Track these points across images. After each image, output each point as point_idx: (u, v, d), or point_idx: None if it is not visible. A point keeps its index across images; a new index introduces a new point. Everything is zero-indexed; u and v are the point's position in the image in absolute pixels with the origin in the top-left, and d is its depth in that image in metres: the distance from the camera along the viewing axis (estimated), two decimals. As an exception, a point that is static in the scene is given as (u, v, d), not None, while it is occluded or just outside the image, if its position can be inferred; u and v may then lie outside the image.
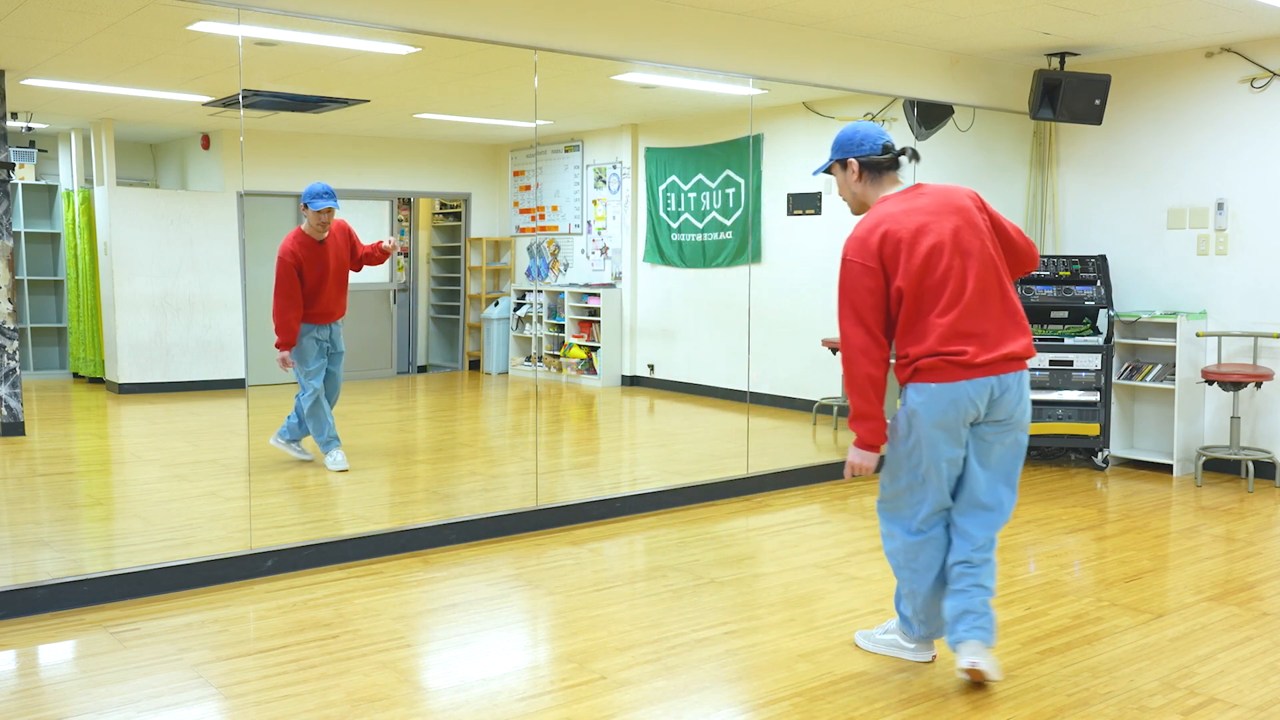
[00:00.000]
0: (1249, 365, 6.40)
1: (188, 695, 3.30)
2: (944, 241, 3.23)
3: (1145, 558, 4.89)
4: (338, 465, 6.39)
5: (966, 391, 3.22)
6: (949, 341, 3.20)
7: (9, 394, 7.45)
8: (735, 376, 9.18)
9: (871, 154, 3.42)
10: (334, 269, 6.39)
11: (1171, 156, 6.92)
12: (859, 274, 3.26)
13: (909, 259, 3.22)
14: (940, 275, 3.22)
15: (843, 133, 3.51)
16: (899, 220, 3.26)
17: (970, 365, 3.20)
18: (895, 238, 3.23)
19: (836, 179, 3.56)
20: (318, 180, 6.44)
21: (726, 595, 4.30)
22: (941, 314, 3.21)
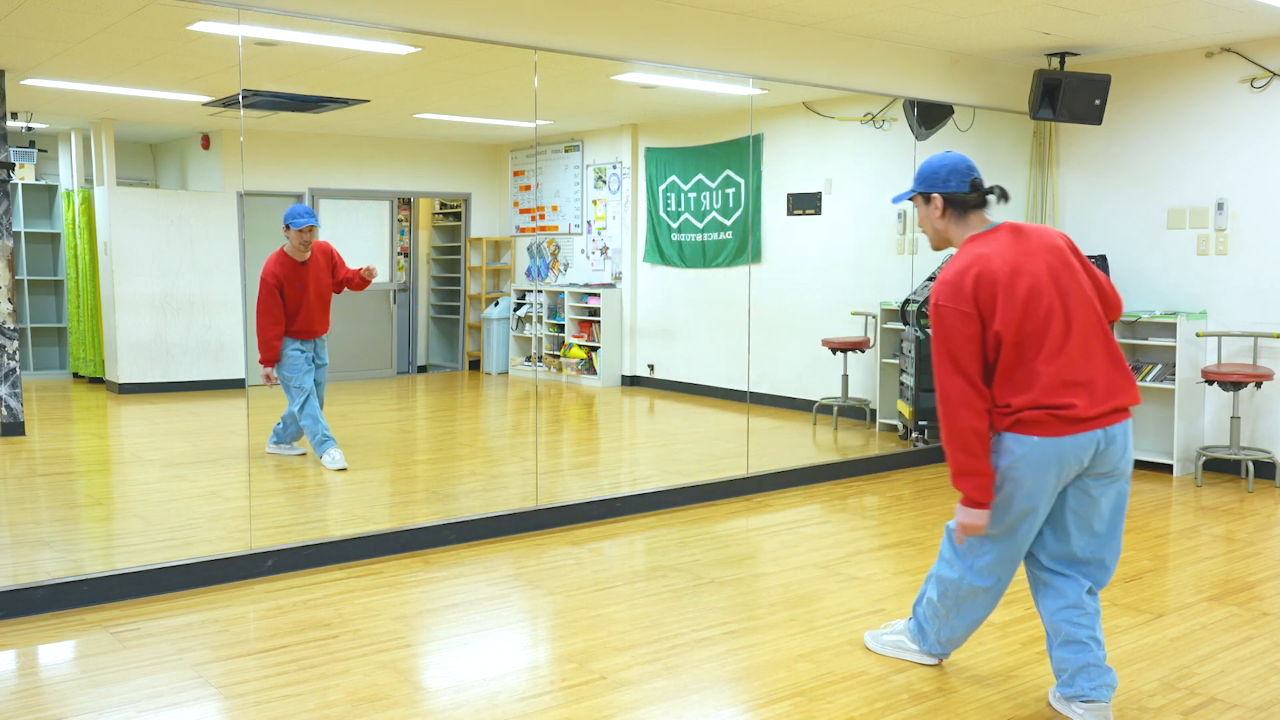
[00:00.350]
0: (1249, 365, 6.40)
1: (188, 695, 3.30)
2: (1042, 282, 3.01)
3: (1145, 558, 4.89)
4: (336, 464, 6.42)
5: (1072, 447, 2.98)
6: (1056, 392, 2.97)
7: (9, 394, 7.45)
8: (735, 376, 9.18)
9: (958, 191, 3.17)
10: (315, 289, 6.57)
11: (1171, 156, 6.92)
12: (955, 320, 3.00)
13: (1008, 302, 2.98)
14: (1043, 318, 2.98)
15: (928, 164, 3.25)
16: (991, 261, 3.02)
17: (1078, 420, 2.97)
18: (990, 279, 2.99)
19: (918, 211, 3.31)
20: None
21: (726, 595, 4.30)
22: (1047, 360, 2.97)
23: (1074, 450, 2.98)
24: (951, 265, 3.08)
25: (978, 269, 3.01)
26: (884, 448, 7.42)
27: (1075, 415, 2.96)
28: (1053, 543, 3.15)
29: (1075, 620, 3.11)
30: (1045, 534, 3.16)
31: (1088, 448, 2.99)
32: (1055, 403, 2.96)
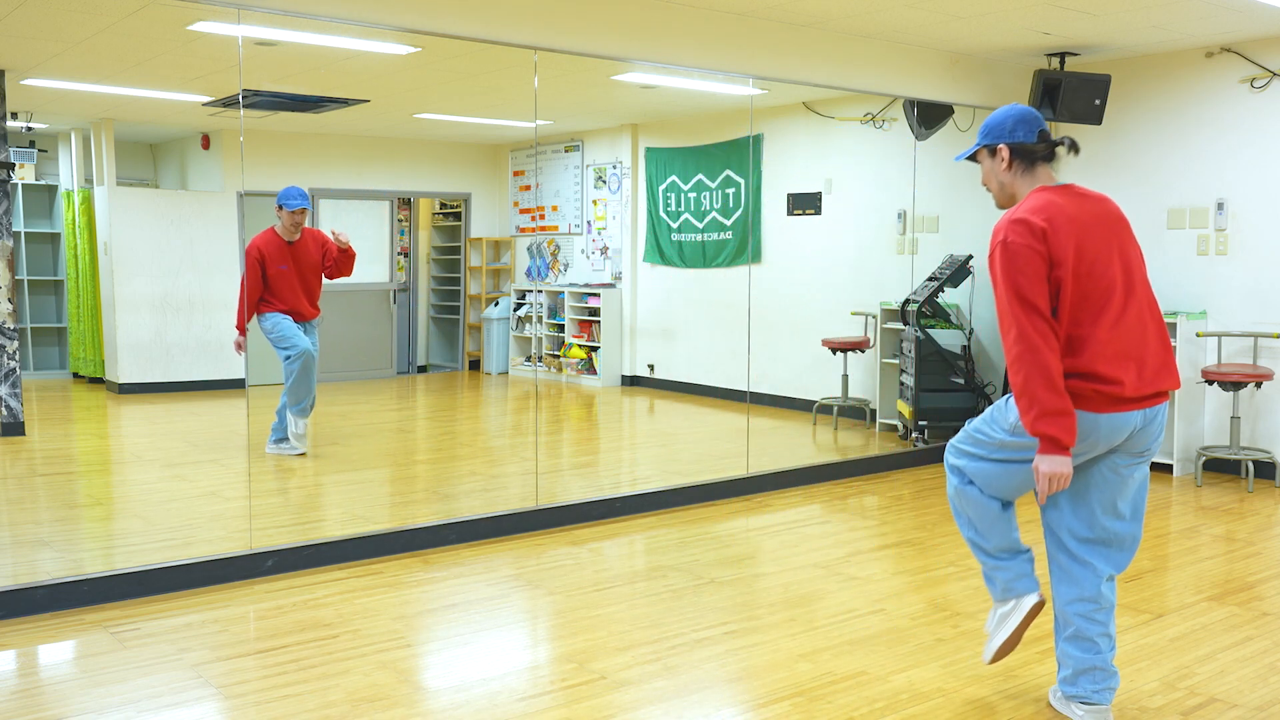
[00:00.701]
0: (1249, 365, 6.40)
1: (188, 695, 3.30)
2: (1110, 246, 2.93)
3: (1145, 558, 4.89)
4: (297, 430, 6.66)
5: (1109, 425, 2.91)
6: (1108, 362, 2.87)
7: (9, 394, 7.45)
8: (735, 376, 9.18)
9: (1025, 141, 3.02)
10: (300, 270, 6.67)
11: (1171, 156, 6.92)
12: (1027, 257, 2.83)
13: (1077, 256, 2.86)
14: (1106, 282, 2.89)
15: (993, 116, 3.10)
16: (1065, 209, 2.90)
17: (1121, 399, 2.89)
18: (1063, 226, 2.87)
19: (982, 167, 3.14)
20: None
21: (726, 595, 4.30)
22: (1107, 327, 2.88)
23: (1110, 428, 2.91)
24: (1022, 206, 2.95)
25: (1050, 212, 2.89)
26: (884, 448, 7.42)
27: (1120, 394, 2.88)
28: (1076, 522, 3.07)
29: (1090, 615, 3.05)
30: (1067, 511, 3.08)
31: (1124, 428, 2.92)
32: (1106, 374, 2.87)
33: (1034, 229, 2.85)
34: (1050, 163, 3.06)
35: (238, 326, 6.59)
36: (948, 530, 5.35)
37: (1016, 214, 2.92)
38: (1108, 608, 3.07)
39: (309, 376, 6.66)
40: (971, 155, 3.17)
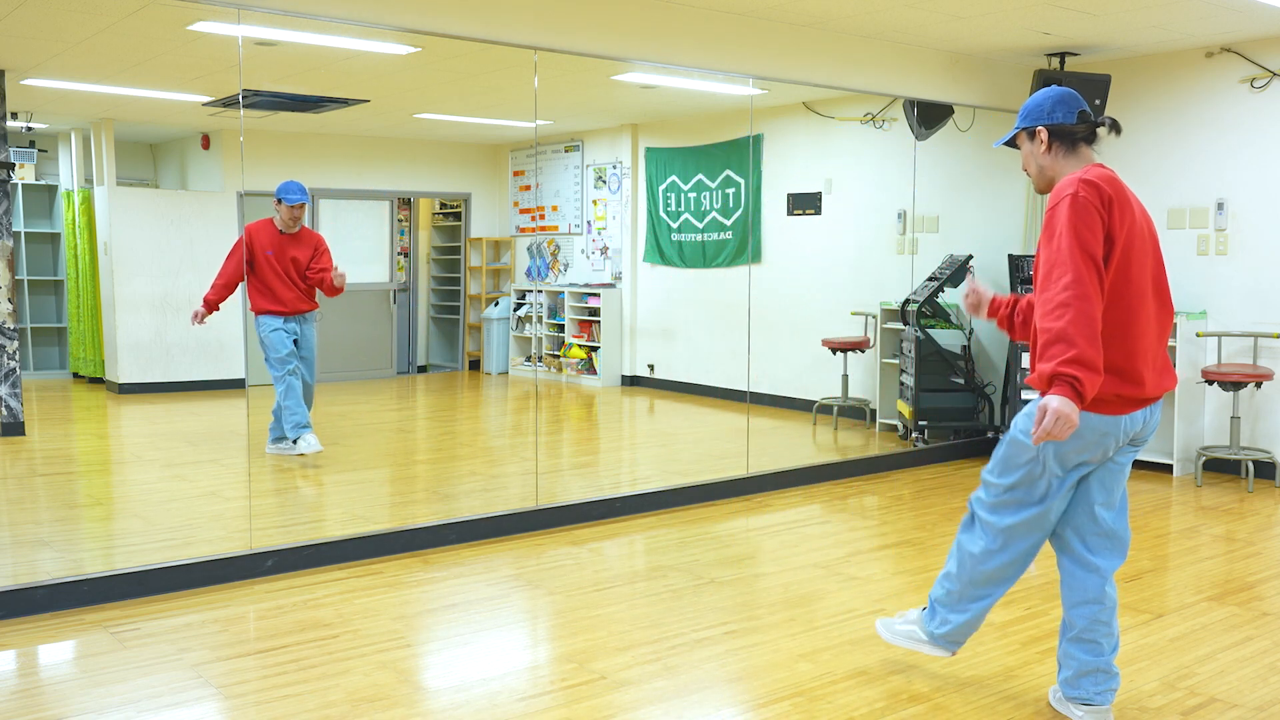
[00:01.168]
0: (1249, 365, 6.40)
1: (188, 695, 3.30)
2: (1148, 241, 2.89)
3: (1145, 558, 4.89)
4: (311, 448, 6.57)
5: (1125, 425, 2.90)
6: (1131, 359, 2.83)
7: (9, 394, 7.45)
8: (735, 376, 9.18)
9: (1065, 122, 2.95)
10: (284, 260, 6.68)
11: (1171, 156, 6.92)
12: (1092, 214, 2.75)
13: (1129, 239, 2.81)
14: (1142, 275, 2.86)
15: (1032, 99, 3.03)
16: (1124, 192, 2.84)
17: (1136, 400, 2.88)
18: (1123, 204, 2.81)
19: (1022, 151, 3.08)
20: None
21: (726, 595, 4.30)
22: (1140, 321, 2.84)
23: (1126, 429, 2.90)
24: (1087, 171, 2.85)
25: (1117, 187, 2.82)
26: (884, 448, 7.42)
27: (1138, 395, 2.86)
28: (1080, 516, 3.07)
29: (1095, 617, 3.05)
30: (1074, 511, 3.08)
31: (1133, 428, 2.92)
32: (1132, 372, 2.83)
33: (1103, 195, 2.78)
34: (1091, 144, 2.99)
35: (204, 300, 6.62)
36: (948, 530, 5.35)
37: (1086, 174, 2.82)
38: (1111, 606, 3.08)
39: (295, 396, 6.64)
40: (1011, 140, 3.12)
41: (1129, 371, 2.83)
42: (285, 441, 6.78)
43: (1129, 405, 2.87)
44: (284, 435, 6.78)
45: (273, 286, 6.68)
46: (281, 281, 6.69)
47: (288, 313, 6.71)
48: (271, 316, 6.69)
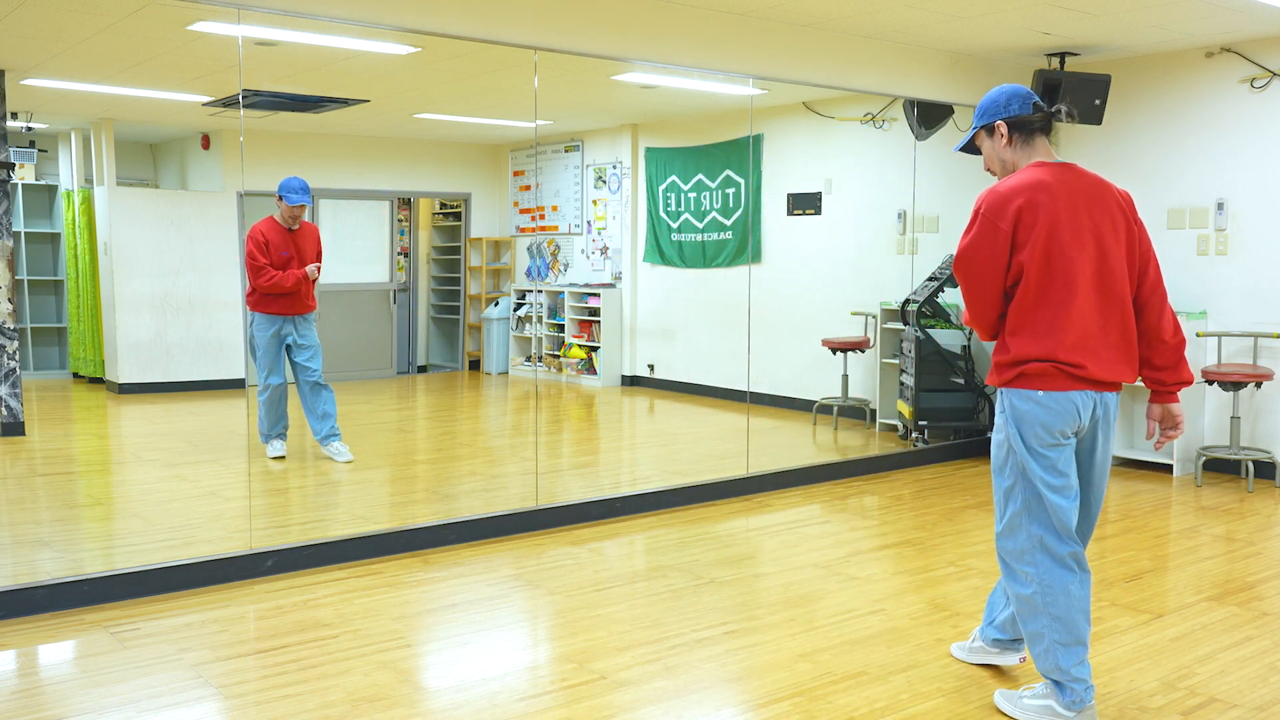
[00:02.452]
0: (1249, 365, 6.41)
1: (188, 695, 3.30)
2: (1086, 233, 2.93)
3: (1145, 558, 4.89)
4: (275, 453, 6.62)
5: (1075, 401, 2.95)
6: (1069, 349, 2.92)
7: (9, 394, 7.45)
8: (735, 376, 9.18)
9: (1021, 113, 3.04)
10: (302, 259, 6.56)
11: (1171, 156, 6.92)
12: (988, 232, 2.93)
13: (1047, 237, 2.90)
14: (1074, 269, 2.92)
15: (986, 98, 3.12)
16: (1050, 190, 2.93)
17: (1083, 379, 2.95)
18: (1036, 208, 2.91)
19: (983, 151, 3.16)
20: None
21: (726, 595, 4.30)
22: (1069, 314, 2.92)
23: (1078, 404, 2.95)
24: (1008, 180, 2.99)
25: (1029, 195, 2.92)
26: (884, 448, 7.42)
27: (1082, 375, 2.93)
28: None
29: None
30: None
31: (1087, 405, 2.97)
32: (1066, 359, 2.92)
33: (1006, 209, 2.92)
34: (1047, 134, 3.08)
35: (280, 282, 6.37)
36: (948, 530, 5.36)
37: (1001, 186, 2.97)
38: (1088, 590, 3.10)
39: (278, 407, 6.61)
40: (968, 143, 3.19)
41: (1064, 358, 2.92)
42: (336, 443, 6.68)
43: (1073, 382, 2.94)
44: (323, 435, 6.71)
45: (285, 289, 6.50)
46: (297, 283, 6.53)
47: (286, 314, 6.56)
48: (268, 318, 6.52)
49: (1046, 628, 3.00)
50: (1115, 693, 3.33)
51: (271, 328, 6.54)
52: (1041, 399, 2.95)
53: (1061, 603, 2.99)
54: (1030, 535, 3.04)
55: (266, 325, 6.54)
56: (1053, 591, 3.00)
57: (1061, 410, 2.95)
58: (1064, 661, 2.99)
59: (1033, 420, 2.97)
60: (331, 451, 6.64)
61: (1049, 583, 3.01)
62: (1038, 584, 3.02)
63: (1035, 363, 2.94)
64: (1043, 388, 2.94)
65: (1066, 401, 2.95)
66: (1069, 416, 2.96)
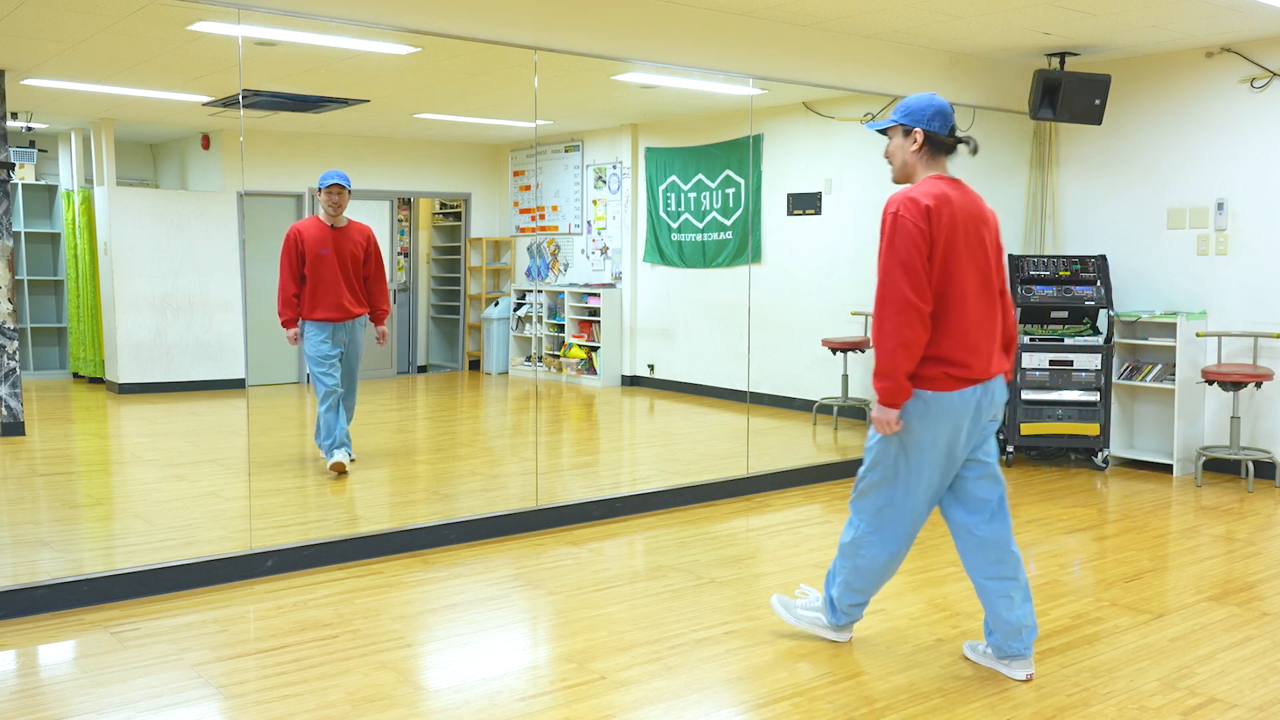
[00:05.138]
0: (1249, 365, 6.40)
1: (188, 695, 3.30)
2: (976, 244, 3.29)
3: (1145, 558, 4.89)
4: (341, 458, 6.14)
5: (960, 401, 3.29)
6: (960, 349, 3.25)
7: (9, 394, 7.45)
8: (735, 376, 9.18)
9: (939, 132, 3.33)
10: (343, 259, 6.18)
11: (1171, 156, 6.92)
12: (913, 233, 3.18)
13: (949, 243, 3.21)
14: (966, 276, 3.25)
15: (916, 99, 3.38)
16: (952, 201, 3.25)
17: (966, 379, 3.28)
18: (948, 214, 3.21)
19: (891, 141, 3.44)
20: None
21: (726, 595, 4.30)
22: (958, 311, 3.24)
23: (962, 402, 3.27)
24: (917, 187, 3.28)
25: (940, 200, 3.22)
26: (884, 448, 7.40)
27: (964, 375, 3.25)
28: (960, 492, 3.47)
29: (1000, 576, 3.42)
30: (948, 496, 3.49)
31: (970, 400, 3.28)
32: (956, 359, 3.24)
33: (922, 209, 3.20)
34: (950, 156, 3.41)
35: (282, 321, 6.05)
36: (948, 530, 5.35)
37: (912, 192, 3.26)
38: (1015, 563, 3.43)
39: (334, 414, 6.16)
40: (886, 129, 3.47)
41: (952, 356, 3.24)
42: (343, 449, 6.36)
43: (959, 383, 3.26)
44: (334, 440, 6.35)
45: (328, 289, 6.12)
46: (336, 284, 6.13)
47: (339, 319, 6.17)
48: (319, 325, 6.13)
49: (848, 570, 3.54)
50: (1115, 692, 3.33)
51: (323, 334, 6.16)
52: (930, 399, 3.26)
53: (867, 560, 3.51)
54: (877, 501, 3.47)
55: (317, 332, 6.15)
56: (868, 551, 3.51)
57: (946, 409, 3.26)
58: (845, 599, 3.58)
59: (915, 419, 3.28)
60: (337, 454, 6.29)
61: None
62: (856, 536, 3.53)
63: (928, 364, 3.25)
64: (931, 389, 3.26)
65: (952, 402, 3.26)
66: (953, 414, 3.28)
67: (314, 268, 6.12)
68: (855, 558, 3.53)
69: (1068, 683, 3.41)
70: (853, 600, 3.62)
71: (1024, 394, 6.86)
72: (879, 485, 3.45)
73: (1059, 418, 6.79)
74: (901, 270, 3.17)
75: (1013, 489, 6.36)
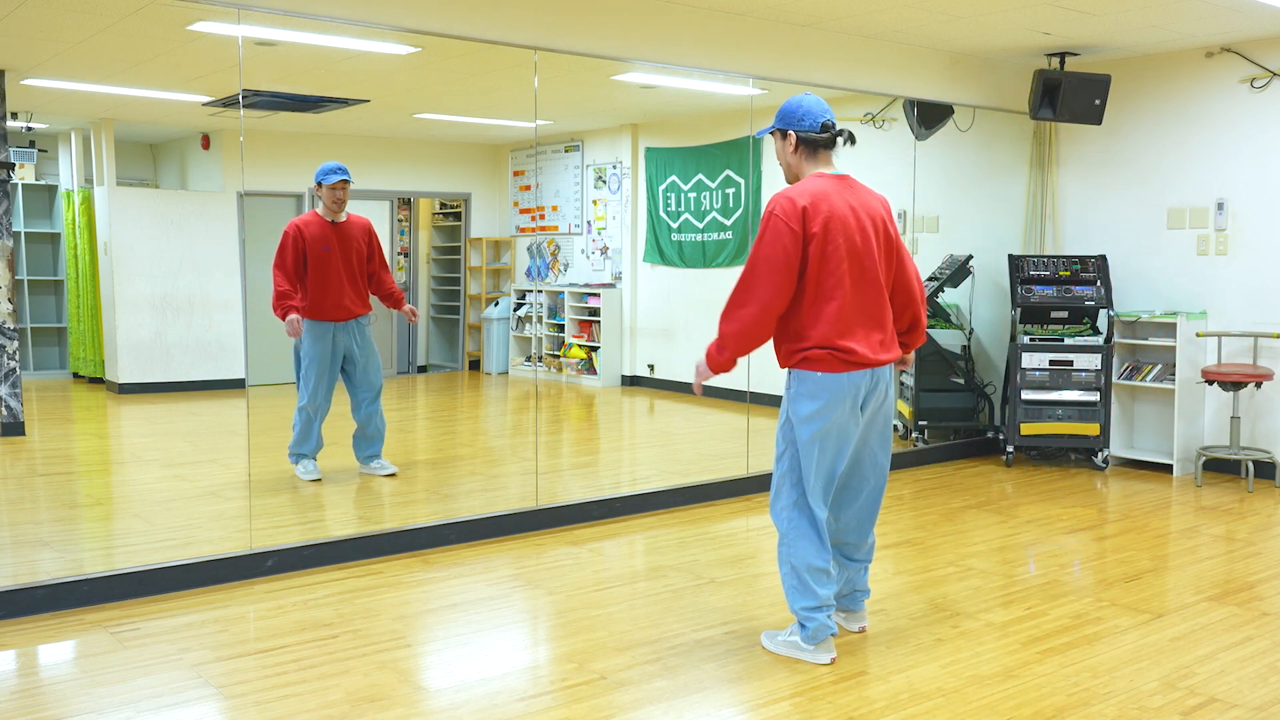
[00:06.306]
0: (1249, 365, 6.40)
1: (188, 695, 3.30)
2: (854, 236, 3.43)
3: (1145, 558, 4.89)
4: (309, 475, 6.04)
5: (849, 382, 3.44)
6: (840, 335, 3.41)
7: (9, 394, 7.45)
8: (735, 376, 9.17)
9: (810, 131, 3.51)
10: (345, 256, 5.99)
11: (1171, 156, 6.92)
12: (782, 232, 3.39)
13: (826, 236, 3.38)
14: (844, 266, 3.40)
15: (788, 103, 3.57)
16: (829, 198, 3.42)
17: (851, 363, 3.43)
18: (820, 212, 3.38)
19: (775, 145, 3.65)
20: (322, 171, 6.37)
21: (726, 595, 4.30)
22: (838, 301, 3.40)
23: (850, 384, 3.43)
24: (796, 187, 3.48)
25: (814, 199, 3.40)
26: (884, 448, 7.41)
27: (850, 359, 3.41)
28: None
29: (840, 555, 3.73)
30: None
31: (858, 383, 3.45)
32: (840, 345, 3.41)
33: (795, 211, 3.39)
34: (831, 149, 3.55)
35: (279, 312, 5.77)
36: (948, 530, 5.36)
37: (789, 192, 3.45)
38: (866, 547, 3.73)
39: (313, 426, 6.05)
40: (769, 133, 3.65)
41: (838, 342, 3.41)
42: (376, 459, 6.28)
43: (846, 365, 3.42)
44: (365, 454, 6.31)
45: (331, 288, 5.92)
46: (339, 281, 5.94)
47: (341, 319, 5.98)
48: (320, 324, 5.93)
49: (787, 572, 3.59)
50: (1115, 692, 3.33)
51: (323, 339, 5.94)
52: (819, 380, 3.43)
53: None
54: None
55: (315, 336, 5.92)
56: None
57: (834, 388, 3.42)
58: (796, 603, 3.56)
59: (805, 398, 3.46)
60: (374, 468, 6.22)
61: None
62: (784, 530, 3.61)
63: (815, 349, 3.42)
64: (820, 370, 3.43)
65: (838, 382, 3.42)
66: (840, 393, 3.43)
67: (316, 266, 5.92)
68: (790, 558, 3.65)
69: (1067, 683, 3.41)
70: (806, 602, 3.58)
71: (1024, 394, 6.86)
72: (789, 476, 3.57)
73: (1059, 418, 6.79)
74: (766, 267, 3.39)
75: (1013, 489, 6.36)
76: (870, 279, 3.47)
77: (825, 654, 3.56)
